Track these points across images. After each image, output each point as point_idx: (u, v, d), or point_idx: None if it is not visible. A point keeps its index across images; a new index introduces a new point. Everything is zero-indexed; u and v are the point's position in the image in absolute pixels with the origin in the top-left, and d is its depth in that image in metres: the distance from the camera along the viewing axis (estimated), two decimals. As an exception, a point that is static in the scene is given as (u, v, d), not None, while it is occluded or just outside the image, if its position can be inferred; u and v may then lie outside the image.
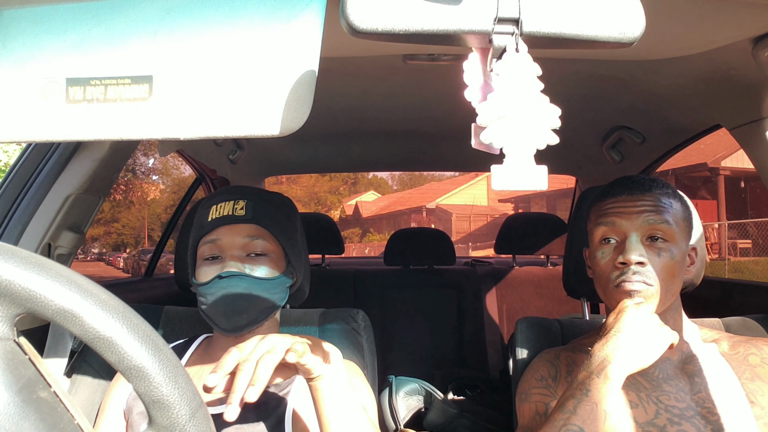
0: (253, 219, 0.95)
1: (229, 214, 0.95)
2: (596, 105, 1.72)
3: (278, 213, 1.01)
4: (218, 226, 0.95)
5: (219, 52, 0.53)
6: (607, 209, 0.96)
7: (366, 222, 25.04)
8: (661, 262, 0.92)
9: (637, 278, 0.90)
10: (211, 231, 0.96)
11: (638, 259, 0.90)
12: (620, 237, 0.94)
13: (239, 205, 0.96)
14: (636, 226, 0.93)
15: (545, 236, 2.65)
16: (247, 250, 0.95)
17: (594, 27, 0.49)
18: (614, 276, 0.93)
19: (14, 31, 0.54)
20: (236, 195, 0.98)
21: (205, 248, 0.96)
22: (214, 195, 1.01)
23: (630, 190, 0.96)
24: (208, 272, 0.94)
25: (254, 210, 0.96)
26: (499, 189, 0.49)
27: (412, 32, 0.48)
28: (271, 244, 0.97)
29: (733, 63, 1.12)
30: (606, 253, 0.95)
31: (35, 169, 1.19)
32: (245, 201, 0.96)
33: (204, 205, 1.01)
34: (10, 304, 0.39)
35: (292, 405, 0.94)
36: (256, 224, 0.96)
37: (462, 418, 1.77)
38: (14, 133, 0.54)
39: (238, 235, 0.95)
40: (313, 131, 2.05)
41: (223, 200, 0.97)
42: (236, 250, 0.95)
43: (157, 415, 0.40)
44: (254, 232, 0.95)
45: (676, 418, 0.89)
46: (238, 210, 0.95)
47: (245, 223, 0.95)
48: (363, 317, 1.20)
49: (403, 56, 1.26)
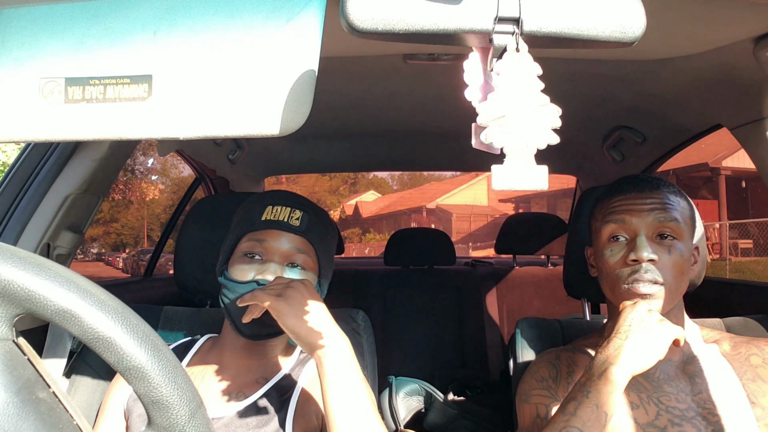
0: (305, 232, 0.96)
1: (284, 221, 0.95)
2: (597, 105, 1.71)
3: (326, 231, 1.02)
4: (270, 228, 0.95)
5: (219, 51, 0.53)
6: (616, 207, 0.96)
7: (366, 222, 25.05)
8: (672, 260, 0.91)
9: (648, 276, 0.90)
10: (262, 230, 0.96)
11: (650, 257, 0.90)
12: (630, 235, 0.94)
13: (296, 214, 0.96)
14: (646, 223, 0.92)
15: (545, 236, 2.65)
16: (288, 260, 0.95)
17: (594, 26, 0.49)
18: (625, 274, 0.92)
19: (13, 31, 0.54)
20: (294, 203, 0.98)
21: (249, 244, 0.96)
22: (271, 195, 1.00)
23: (639, 187, 0.95)
24: (245, 271, 0.94)
25: (308, 224, 0.97)
26: (499, 189, 0.48)
27: (412, 32, 0.48)
28: (312, 261, 0.98)
29: (734, 63, 1.12)
30: (615, 250, 0.94)
31: (34, 169, 1.18)
32: (302, 212, 0.97)
33: (256, 201, 1.00)
34: (9, 304, 0.39)
35: (294, 408, 0.93)
36: (306, 238, 0.96)
37: (462, 418, 1.77)
38: (13, 133, 0.54)
39: (287, 243, 0.95)
40: (313, 131, 2.05)
41: (281, 204, 0.97)
42: (279, 256, 0.95)
43: (157, 416, 0.40)
44: (301, 245, 0.96)
45: (676, 419, 0.89)
46: (294, 219, 0.96)
47: (297, 234, 0.96)
48: (363, 317, 1.20)
49: (403, 56, 1.26)
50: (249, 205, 1.01)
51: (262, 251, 0.95)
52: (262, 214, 0.96)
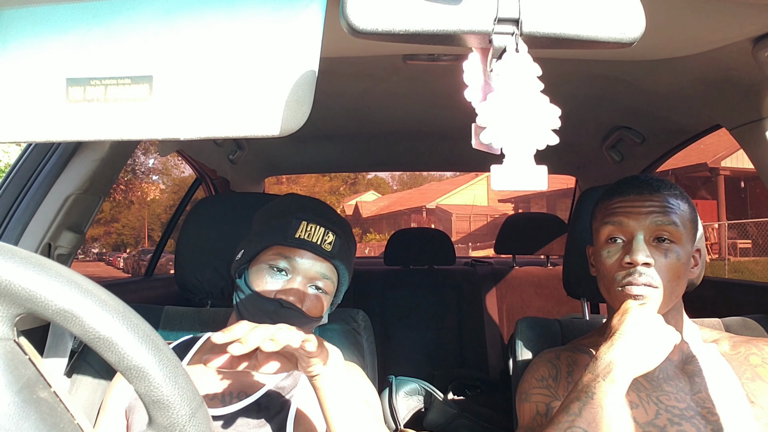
0: (334, 258, 0.96)
1: (317, 243, 0.94)
2: (596, 105, 1.72)
3: (351, 254, 1.02)
4: (302, 248, 0.94)
5: (219, 52, 0.53)
6: (615, 208, 0.96)
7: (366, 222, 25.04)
8: (668, 264, 0.91)
9: (643, 279, 0.90)
10: (293, 248, 0.95)
11: (645, 260, 0.90)
12: (627, 237, 0.94)
13: (329, 237, 0.95)
14: (644, 226, 0.92)
15: (545, 236, 2.65)
16: (314, 282, 0.95)
17: (594, 27, 0.49)
18: (620, 276, 0.92)
19: (14, 31, 0.54)
20: (328, 222, 0.97)
21: (277, 257, 0.95)
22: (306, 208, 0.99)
23: (638, 189, 0.95)
24: (269, 284, 0.93)
25: (339, 249, 0.97)
26: (499, 189, 0.49)
27: (412, 32, 0.48)
28: (333, 285, 0.98)
29: (733, 63, 1.12)
30: (612, 252, 0.95)
31: (35, 169, 1.19)
32: (335, 236, 0.96)
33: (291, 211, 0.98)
34: (10, 304, 0.39)
35: (296, 408, 0.94)
36: (333, 264, 0.97)
37: (462, 418, 1.77)
38: (14, 133, 0.54)
39: (316, 266, 0.95)
40: (313, 131, 2.05)
41: (315, 222, 0.95)
42: (305, 277, 0.95)
43: (157, 415, 0.40)
44: (328, 271, 0.96)
45: (676, 419, 0.89)
46: (326, 243, 0.95)
47: (327, 259, 0.95)
48: (363, 317, 1.20)
49: (403, 56, 1.26)
50: (281, 213, 1.00)
51: (288, 268, 0.95)
52: (297, 230, 0.95)
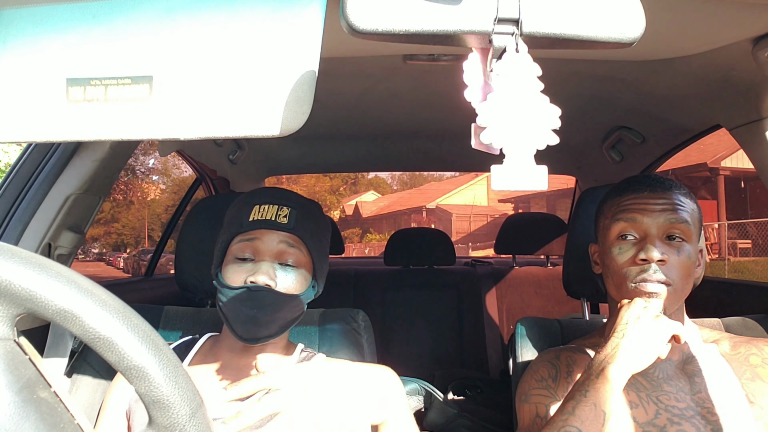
0: (294, 229, 0.95)
1: (272, 219, 0.94)
2: (596, 105, 1.72)
3: (317, 226, 1.00)
4: (258, 228, 0.94)
5: (219, 52, 0.53)
6: (628, 205, 0.95)
7: (366, 222, 25.03)
8: (680, 261, 0.91)
9: (657, 276, 0.90)
10: (250, 231, 0.95)
11: (660, 257, 0.90)
12: (640, 234, 0.94)
13: (283, 212, 0.95)
14: (657, 224, 0.92)
15: (545, 236, 2.65)
16: (280, 259, 0.94)
17: (594, 27, 0.49)
18: (633, 273, 0.92)
19: (14, 31, 0.54)
20: (281, 200, 0.97)
21: (239, 246, 0.95)
22: (257, 194, 1.00)
23: (651, 187, 0.95)
24: (237, 273, 0.93)
25: (297, 220, 0.95)
26: (499, 189, 0.49)
27: (412, 32, 0.48)
28: (304, 256, 0.97)
29: (733, 63, 1.12)
30: (624, 249, 0.94)
31: (35, 169, 1.18)
32: (290, 209, 0.95)
33: (244, 201, 0.99)
34: (10, 304, 0.39)
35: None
36: (295, 234, 0.95)
37: (462, 418, 1.77)
38: (14, 133, 0.54)
39: (276, 241, 0.94)
40: (313, 131, 2.05)
41: (267, 203, 0.96)
42: (270, 256, 0.94)
43: (157, 415, 0.40)
44: (293, 242, 0.95)
45: (676, 418, 0.89)
46: (282, 217, 0.94)
47: (286, 231, 0.95)
48: (363, 317, 1.20)
49: (403, 56, 1.26)
50: (237, 206, 1.00)
51: (252, 252, 0.94)
52: (250, 215, 0.96)
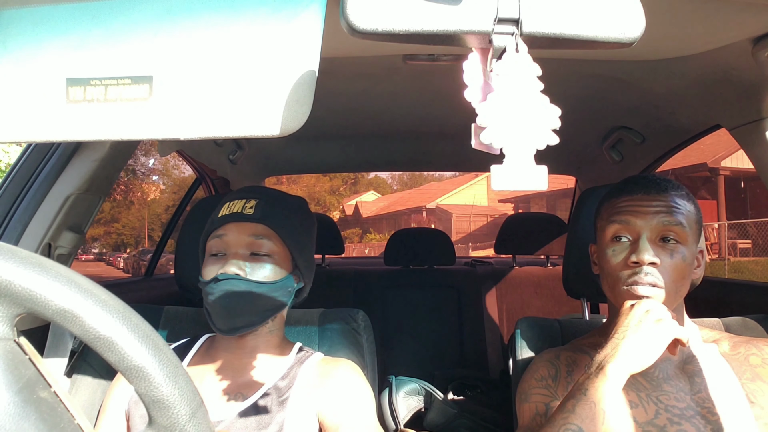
0: (260, 219, 0.95)
1: (238, 212, 0.95)
2: (596, 105, 1.72)
3: (289, 214, 1.00)
4: (226, 222, 0.96)
5: (219, 52, 0.53)
6: (622, 207, 0.96)
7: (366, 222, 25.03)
8: (673, 264, 0.91)
9: (648, 279, 0.90)
10: (219, 227, 0.96)
11: (651, 260, 0.90)
12: (633, 236, 0.94)
13: (250, 204, 0.96)
14: (650, 226, 0.92)
15: (545, 236, 2.65)
16: (251, 249, 0.95)
17: (594, 27, 0.49)
18: (625, 275, 0.92)
19: (14, 31, 0.54)
20: (249, 194, 0.98)
21: (212, 243, 0.97)
22: (231, 193, 1.02)
23: (646, 189, 0.95)
24: (212, 270, 0.94)
25: (263, 210, 0.96)
26: (499, 189, 0.49)
27: (412, 32, 0.48)
28: (277, 246, 0.96)
29: (733, 63, 1.12)
30: (617, 251, 0.94)
31: (35, 169, 1.19)
32: (256, 200, 0.96)
33: (217, 201, 1.02)
34: (10, 304, 0.39)
35: (293, 408, 0.93)
36: (263, 224, 0.96)
37: (462, 418, 1.77)
38: (14, 133, 0.54)
39: (244, 233, 0.95)
40: (313, 131, 2.05)
41: (236, 198, 0.98)
42: (241, 248, 0.95)
43: (157, 415, 0.40)
44: (261, 231, 0.95)
45: (676, 418, 0.89)
46: (248, 208, 0.96)
47: (253, 222, 0.95)
48: (363, 317, 1.20)
49: (403, 56, 1.26)
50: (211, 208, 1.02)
51: (223, 247, 0.95)
52: (220, 212, 0.97)
